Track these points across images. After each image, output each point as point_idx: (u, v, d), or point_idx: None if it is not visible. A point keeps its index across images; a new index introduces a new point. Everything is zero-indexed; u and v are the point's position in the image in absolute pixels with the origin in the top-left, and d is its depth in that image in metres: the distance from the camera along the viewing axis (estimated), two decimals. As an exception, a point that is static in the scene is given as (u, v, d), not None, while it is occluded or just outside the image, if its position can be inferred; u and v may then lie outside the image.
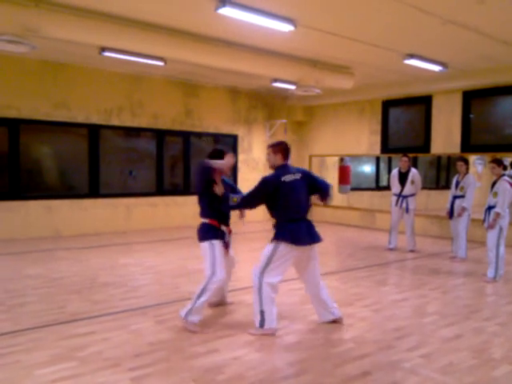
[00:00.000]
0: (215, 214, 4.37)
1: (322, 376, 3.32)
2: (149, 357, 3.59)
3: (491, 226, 6.26)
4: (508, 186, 6.22)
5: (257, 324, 4.11)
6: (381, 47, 7.48)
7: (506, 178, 6.32)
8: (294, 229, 4.06)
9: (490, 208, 6.35)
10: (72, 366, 3.42)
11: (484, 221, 6.46)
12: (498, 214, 6.19)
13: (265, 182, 4.12)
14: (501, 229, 6.26)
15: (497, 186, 6.30)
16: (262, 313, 4.07)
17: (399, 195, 8.42)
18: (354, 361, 3.59)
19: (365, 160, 13.89)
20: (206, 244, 4.31)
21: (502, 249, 6.29)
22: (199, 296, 4.13)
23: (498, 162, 6.40)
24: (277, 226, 4.14)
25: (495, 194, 6.28)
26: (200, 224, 4.44)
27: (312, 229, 4.19)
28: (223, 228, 4.41)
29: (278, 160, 4.22)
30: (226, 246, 4.44)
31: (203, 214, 4.43)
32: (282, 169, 4.19)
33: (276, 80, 9.73)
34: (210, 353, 3.68)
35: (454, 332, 4.27)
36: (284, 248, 4.05)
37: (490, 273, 6.29)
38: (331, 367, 3.47)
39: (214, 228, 4.35)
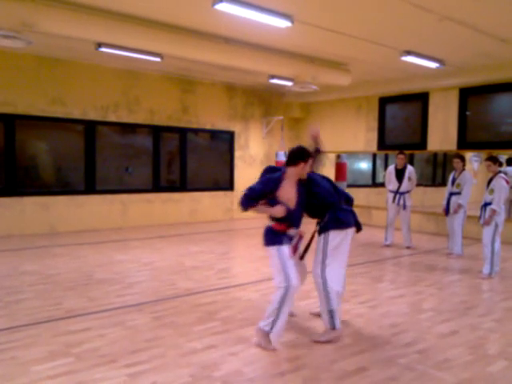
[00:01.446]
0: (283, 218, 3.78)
1: (319, 371, 3.33)
2: (145, 353, 3.59)
3: (487, 223, 6.30)
4: (504, 183, 6.25)
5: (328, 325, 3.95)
6: (378, 44, 7.47)
7: (502, 175, 6.36)
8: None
9: (486, 205, 6.38)
10: (68, 362, 3.41)
11: (480, 217, 6.49)
12: (493, 211, 6.22)
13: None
14: (496, 225, 6.29)
15: (493, 182, 6.33)
16: (330, 312, 3.89)
17: (396, 192, 8.44)
18: (350, 356, 3.59)
19: (361, 157, 13.90)
20: (271, 249, 3.78)
21: (497, 245, 6.32)
22: (279, 308, 3.65)
23: (494, 160, 6.44)
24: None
25: (491, 191, 6.31)
26: (265, 227, 3.91)
27: None
28: (292, 232, 3.84)
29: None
30: (294, 250, 3.88)
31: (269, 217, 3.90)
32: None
33: (273, 76, 9.71)
34: (207, 349, 3.68)
35: (449, 328, 4.28)
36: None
37: (486, 269, 6.32)
38: (328, 363, 3.48)
39: (278, 233, 3.80)
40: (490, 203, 6.30)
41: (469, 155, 14.32)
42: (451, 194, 7.58)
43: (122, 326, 4.17)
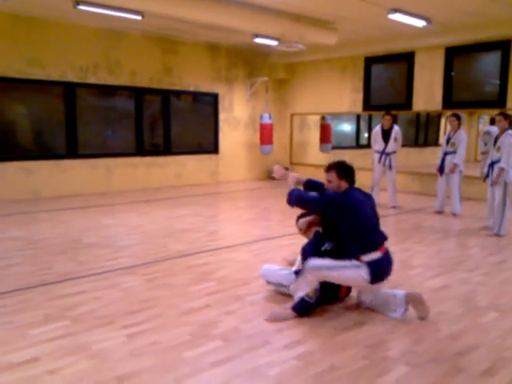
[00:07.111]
0: None
1: (317, 327, 3.38)
2: (143, 314, 3.58)
3: (495, 183, 6.18)
4: None
5: None
6: (365, 1, 7.31)
7: (510, 131, 6.14)
8: None
9: (492, 163, 6.26)
10: (65, 324, 3.38)
11: (487, 177, 6.38)
12: (501, 169, 6.09)
13: None
14: (505, 184, 6.15)
15: (501, 140, 6.17)
16: None
17: (382, 152, 8.46)
18: (345, 313, 3.65)
19: (345, 119, 13.84)
20: None
21: (507, 209, 6.16)
22: None
23: (505, 116, 6.22)
24: None
25: (498, 149, 6.16)
26: None
27: None
28: None
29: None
30: None
31: None
32: None
33: (257, 35, 9.46)
34: (204, 308, 3.70)
35: (440, 283, 4.38)
36: None
37: (496, 229, 6.26)
38: (324, 320, 3.52)
39: None
40: (497, 161, 6.17)
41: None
42: (446, 153, 7.59)
43: (117, 288, 4.15)
